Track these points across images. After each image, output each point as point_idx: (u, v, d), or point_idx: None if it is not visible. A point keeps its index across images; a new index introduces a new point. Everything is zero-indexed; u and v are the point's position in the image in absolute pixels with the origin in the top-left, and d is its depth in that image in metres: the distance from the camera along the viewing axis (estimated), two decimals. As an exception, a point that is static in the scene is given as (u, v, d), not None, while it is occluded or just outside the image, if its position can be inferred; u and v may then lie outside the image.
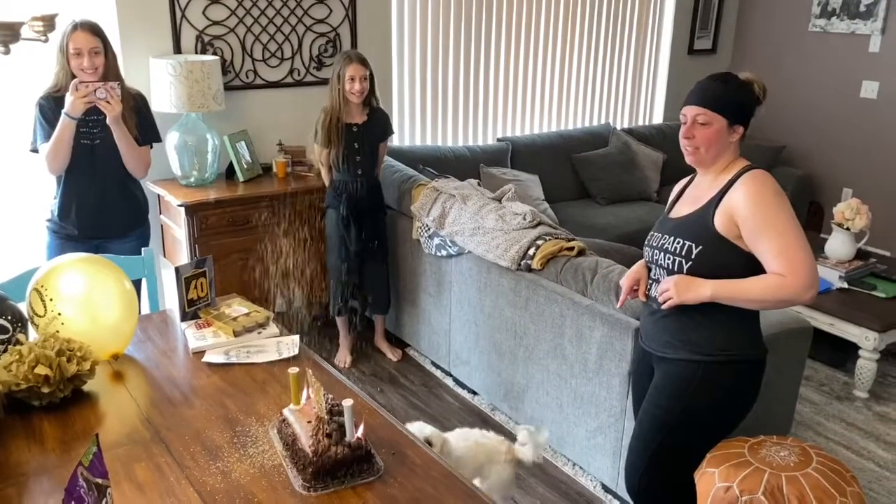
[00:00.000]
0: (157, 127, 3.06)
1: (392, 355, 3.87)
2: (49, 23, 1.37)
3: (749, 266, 1.87)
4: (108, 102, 2.68)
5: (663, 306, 1.98)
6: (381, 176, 3.68)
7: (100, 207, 2.90)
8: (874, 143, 5.32)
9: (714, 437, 2.13)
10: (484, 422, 3.31)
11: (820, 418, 3.42)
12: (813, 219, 5.58)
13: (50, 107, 2.79)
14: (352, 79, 3.32)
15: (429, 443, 2.20)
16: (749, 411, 2.08)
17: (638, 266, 2.17)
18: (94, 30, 2.74)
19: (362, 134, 3.44)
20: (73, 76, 2.73)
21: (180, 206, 3.45)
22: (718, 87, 1.92)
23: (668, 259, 1.97)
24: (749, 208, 1.84)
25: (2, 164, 3.53)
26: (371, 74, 3.39)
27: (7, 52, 1.28)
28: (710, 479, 2.47)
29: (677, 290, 1.92)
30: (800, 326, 2.95)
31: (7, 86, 3.45)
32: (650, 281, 2.09)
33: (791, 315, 3.07)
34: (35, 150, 2.86)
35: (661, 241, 2.01)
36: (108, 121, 2.74)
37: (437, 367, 3.75)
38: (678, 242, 1.95)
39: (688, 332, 1.98)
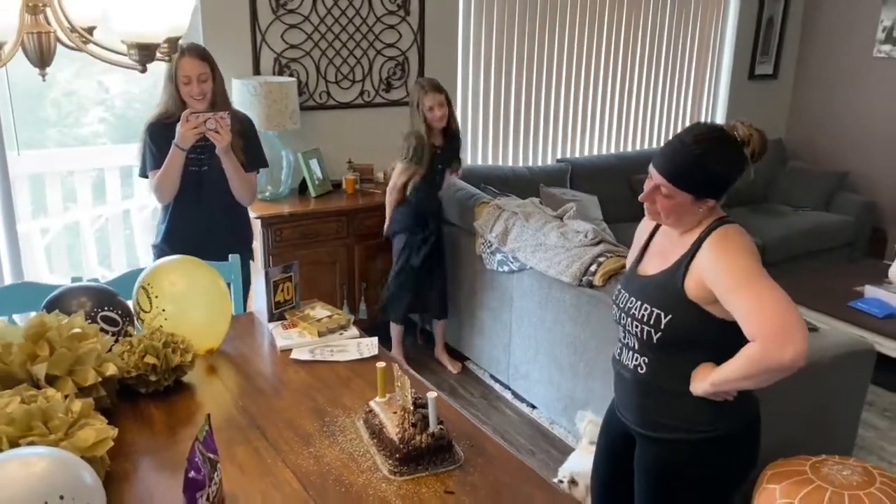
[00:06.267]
0: (263, 151, 3.01)
1: (452, 367, 3.97)
2: (173, 45, 1.54)
3: (723, 334, 1.69)
4: (217, 132, 2.65)
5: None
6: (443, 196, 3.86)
7: (207, 234, 2.85)
8: (940, 170, 5.26)
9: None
10: (543, 436, 3.38)
11: (883, 443, 3.39)
12: (876, 246, 5.51)
13: (160, 134, 2.76)
14: (431, 108, 3.48)
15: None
16: (751, 472, 1.92)
17: None
18: (202, 55, 2.71)
19: (442, 156, 3.64)
20: (182, 102, 2.73)
21: (257, 218, 3.63)
22: (689, 160, 1.66)
23: (637, 327, 1.77)
24: (717, 272, 1.65)
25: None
26: (447, 97, 3.55)
27: (144, 70, 1.45)
28: (771, 495, 2.49)
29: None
30: (862, 349, 2.95)
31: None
32: (620, 345, 1.89)
33: (853, 337, 3.06)
34: (145, 176, 2.87)
35: (628, 304, 1.81)
36: (217, 151, 2.72)
37: (496, 380, 3.84)
38: (646, 309, 1.75)
39: (669, 405, 1.79)
